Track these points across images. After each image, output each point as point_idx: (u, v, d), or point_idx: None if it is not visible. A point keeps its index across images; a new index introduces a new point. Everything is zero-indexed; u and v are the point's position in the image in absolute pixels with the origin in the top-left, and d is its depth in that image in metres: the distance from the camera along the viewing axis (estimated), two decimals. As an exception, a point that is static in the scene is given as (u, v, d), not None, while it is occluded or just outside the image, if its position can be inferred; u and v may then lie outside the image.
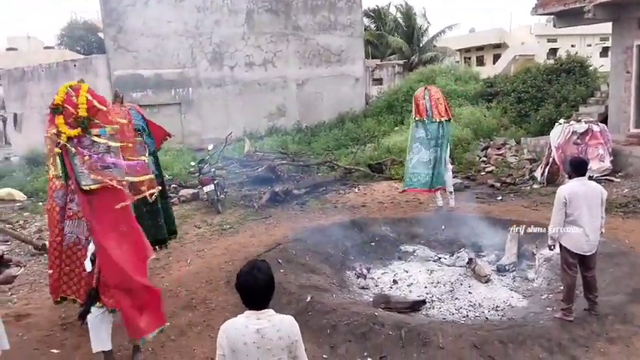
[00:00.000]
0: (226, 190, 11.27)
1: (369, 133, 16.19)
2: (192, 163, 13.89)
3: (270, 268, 2.76)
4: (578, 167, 5.19)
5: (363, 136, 16.11)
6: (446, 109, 9.11)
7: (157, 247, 6.17)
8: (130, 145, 4.72)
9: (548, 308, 5.78)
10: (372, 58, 25.83)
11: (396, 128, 16.47)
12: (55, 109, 4.11)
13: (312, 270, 6.93)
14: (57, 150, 4.26)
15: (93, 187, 4.17)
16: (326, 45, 18.79)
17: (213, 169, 10.97)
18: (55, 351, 5.07)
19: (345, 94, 19.01)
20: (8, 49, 36.62)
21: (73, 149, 4.11)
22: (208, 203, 10.66)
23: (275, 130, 17.64)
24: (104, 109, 4.18)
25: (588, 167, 5.72)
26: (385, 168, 12.93)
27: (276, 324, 2.64)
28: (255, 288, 2.64)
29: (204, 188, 10.54)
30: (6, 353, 4.05)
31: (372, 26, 29.16)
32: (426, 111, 9.03)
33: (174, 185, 12.19)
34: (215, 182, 10.48)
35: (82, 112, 4.05)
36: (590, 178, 5.28)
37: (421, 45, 28.01)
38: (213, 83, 17.33)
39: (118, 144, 4.33)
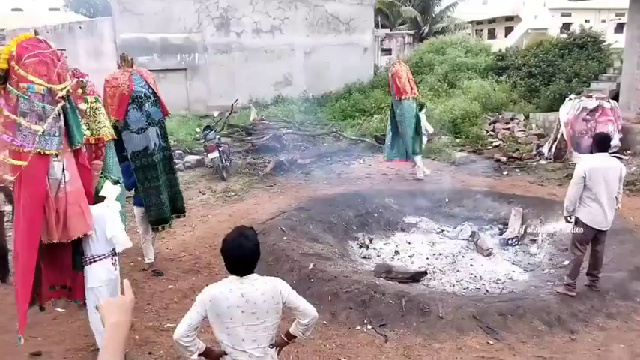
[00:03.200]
0: (231, 157, 11.25)
1: (376, 104, 15.99)
2: (198, 130, 13.85)
3: (256, 235, 2.71)
4: (602, 143, 5.15)
5: (370, 107, 15.94)
6: (404, 87, 9.35)
7: (159, 227, 6.11)
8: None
9: (549, 282, 5.81)
10: (382, 28, 25.33)
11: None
12: None
13: (315, 239, 6.96)
14: None
15: None
16: (335, 13, 18.42)
17: (218, 137, 10.94)
18: (60, 310, 5.15)
19: (353, 63, 18.69)
20: (13, 10, 36.24)
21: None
22: (213, 170, 10.68)
23: (281, 99, 17.47)
24: (12, 63, 3.64)
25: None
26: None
27: (259, 287, 2.61)
28: (242, 255, 2.59)
29: (209, 155, 10.54)
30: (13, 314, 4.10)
31: (383, -5, 28.51)
32: (389, 87, 9.87)
33: (179, 151, 12.19)
34: (220, 150, 10.48)
35: (2, 64, 3.62)
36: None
37: (434, 15, 27.46)
38: (220, 49, 17.11)
39: (57, 106, 3.81)
